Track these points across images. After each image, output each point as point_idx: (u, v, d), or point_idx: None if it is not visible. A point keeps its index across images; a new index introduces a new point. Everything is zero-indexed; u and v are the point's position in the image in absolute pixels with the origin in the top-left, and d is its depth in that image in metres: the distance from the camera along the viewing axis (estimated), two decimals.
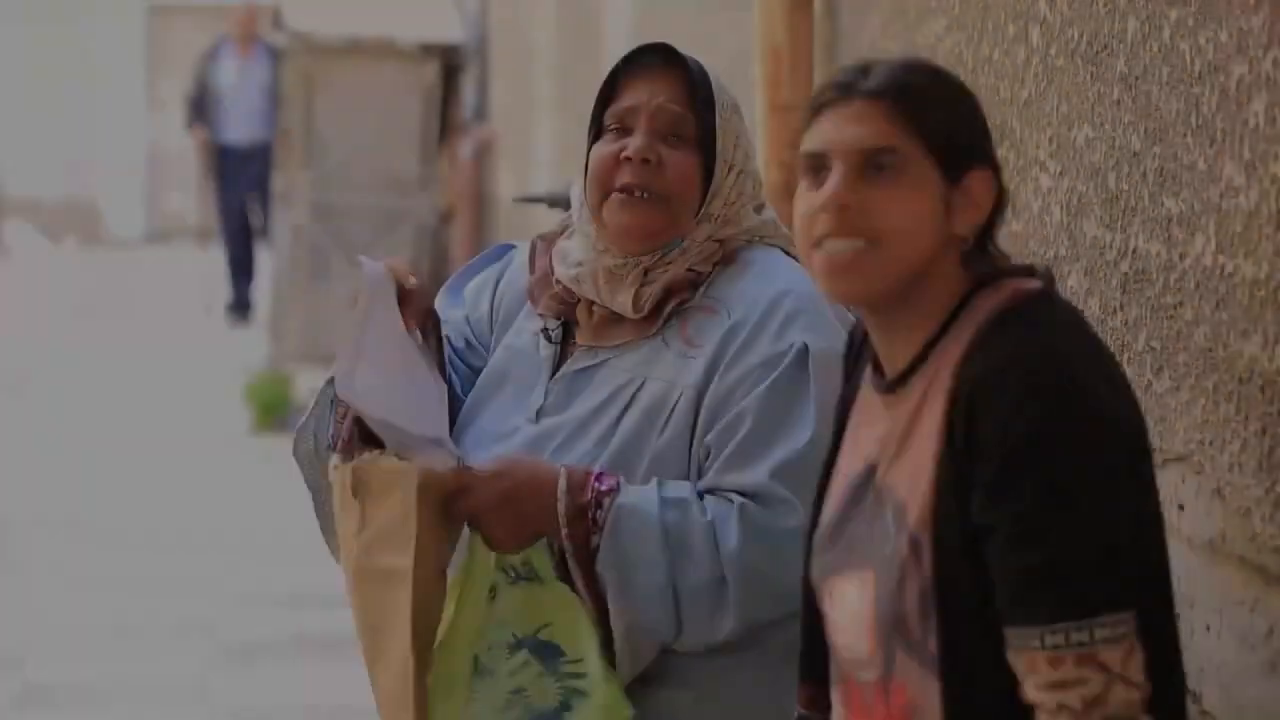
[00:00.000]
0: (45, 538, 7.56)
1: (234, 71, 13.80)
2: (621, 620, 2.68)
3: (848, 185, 2.17)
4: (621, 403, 2.79)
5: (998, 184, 2.21)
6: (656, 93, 2.80)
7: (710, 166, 2.80)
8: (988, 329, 2.14)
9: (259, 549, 7.36)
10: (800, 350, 2.72)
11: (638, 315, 2.81)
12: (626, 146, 2.79)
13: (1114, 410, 2.09)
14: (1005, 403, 2.07)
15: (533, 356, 2.90)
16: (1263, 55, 2.41)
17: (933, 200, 2.17)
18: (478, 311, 3.02)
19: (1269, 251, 2.40)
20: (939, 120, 2.18)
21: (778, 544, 2.66)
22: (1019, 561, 2.06)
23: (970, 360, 2.12)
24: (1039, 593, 2.05)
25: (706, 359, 2.75)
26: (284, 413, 9.78)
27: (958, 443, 2.10)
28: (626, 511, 2.67)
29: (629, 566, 2.67)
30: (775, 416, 2.69)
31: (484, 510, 2.68)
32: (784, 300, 2.76)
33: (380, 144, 11.25)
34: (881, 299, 2.19)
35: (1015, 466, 2.06)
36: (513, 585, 2.75)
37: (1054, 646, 2.05)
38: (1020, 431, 2.06)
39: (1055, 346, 2.10)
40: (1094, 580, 2.05)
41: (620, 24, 7.35)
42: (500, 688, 2.72)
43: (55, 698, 5.60)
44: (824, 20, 4.55)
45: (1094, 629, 2.04)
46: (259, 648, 6.09)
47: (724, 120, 2.81)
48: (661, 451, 2.74)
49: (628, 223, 2.79)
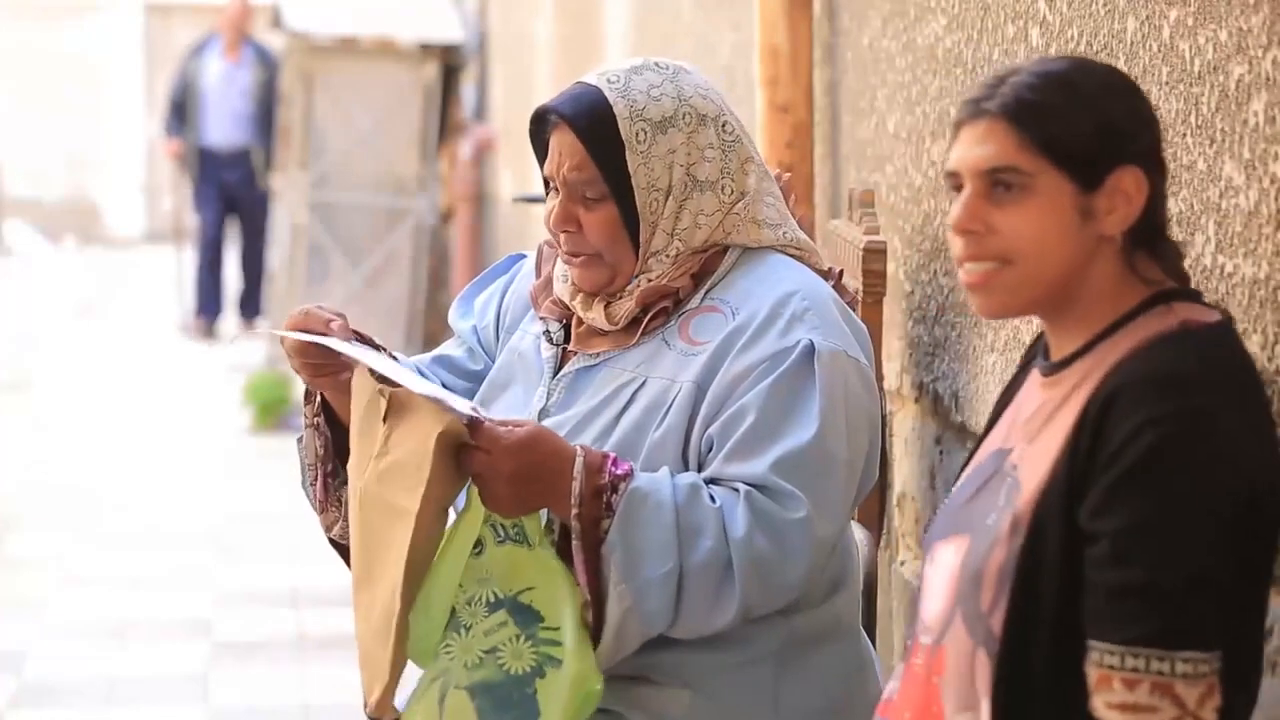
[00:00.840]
0: (45, 538, 7.56)
1: (218, 74, 13.18)
2: (619, 605, 2.67)
3: (970, 209, 2.19)
4: (623, 400, 2.79)
5: (1153, 178, 2.19)
6: (563, 158, 2.80)
7: (634, 205, 2.79)
8: (1148, 346, 2.13)
9: (259, 548, 7.36)
10: (806, 347, 2.72)
11: (613, 328, 2.83)
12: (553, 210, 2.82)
13: (1244, 450, 2.06)
14: (1137, 417, 2.06)
15: (535, 358, 2.92)
16: (1262, 55, 2.41)
17: (1066, 213, 2.17)
18: (484, 321, 3.05)
19: (1269, 251, 2.40)
20: (1065, 132, 2.17)
21: (783, 534, 2.66)
22: (1118, 576, 2.05)
23: (1120, 369, 2.11)
24: (1130, 611, 2.05)
25: (709, 354, 2.76)
26: (284, 413, 9.78)
27: (1083, 445, 2.10)
28: (639, 497, 2.67)
29: (636, 553, 2.66)
30: (779, 411, 2.70)
31: (494, 477, 2.68)
32: (791, 299, 2.76)
33: (380, 143, 11.24)
34: (1030, 309, 2.22)
35: (1132, 481, 2.05)
36: (499, 545, 2.75)
37: (1133, 669, 2.04)
38: (1144, 448, 2.05)
39: (1206, 378, 2.08)
40: (1188, 613, 2.03)
41: (619, 24, 7.34)
42: (475, 645, 2.73)
43: (55, 697, 5.60)
44: (824, 20, 4.55)
45: (1176, 661, 2.03)
46: (259, 647, 6.08)
47: (643, 152, 2.77)
48: (658, 443, 2.75)
49: (578, 279, 2.84)
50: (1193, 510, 2.04)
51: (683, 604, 2.68)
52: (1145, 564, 2.04)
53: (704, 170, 2.81)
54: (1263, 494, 2.08)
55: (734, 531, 2.66)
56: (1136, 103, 2.22)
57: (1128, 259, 2.20)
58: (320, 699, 5.56)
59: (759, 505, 2.67)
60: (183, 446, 9.51)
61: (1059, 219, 2.17)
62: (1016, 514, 2.16)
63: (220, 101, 13.12)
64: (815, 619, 2.82)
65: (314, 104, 11.13)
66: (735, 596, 2.67)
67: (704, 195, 2.81)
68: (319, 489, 2.93)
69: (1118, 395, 2.09)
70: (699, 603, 2.68)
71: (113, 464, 9.04)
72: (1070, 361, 2.21)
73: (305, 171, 11.12)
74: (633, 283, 2.82)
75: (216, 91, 13.13)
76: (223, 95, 13.11)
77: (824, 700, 2.81)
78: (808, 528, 2.67)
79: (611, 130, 2.77)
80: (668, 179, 2.79)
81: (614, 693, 2.76)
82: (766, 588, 2.68)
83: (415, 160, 11.22)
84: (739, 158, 2.84)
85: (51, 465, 9.00)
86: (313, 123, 11.16)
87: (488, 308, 3.06)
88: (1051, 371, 2.23)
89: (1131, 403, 2.07)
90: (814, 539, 2.68)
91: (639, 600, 2.67)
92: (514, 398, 2.91)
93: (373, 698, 2.73)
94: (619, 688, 2.77)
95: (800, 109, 4.47)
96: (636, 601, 2.67)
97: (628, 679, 2.77)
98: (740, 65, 5.10)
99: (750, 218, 2.84)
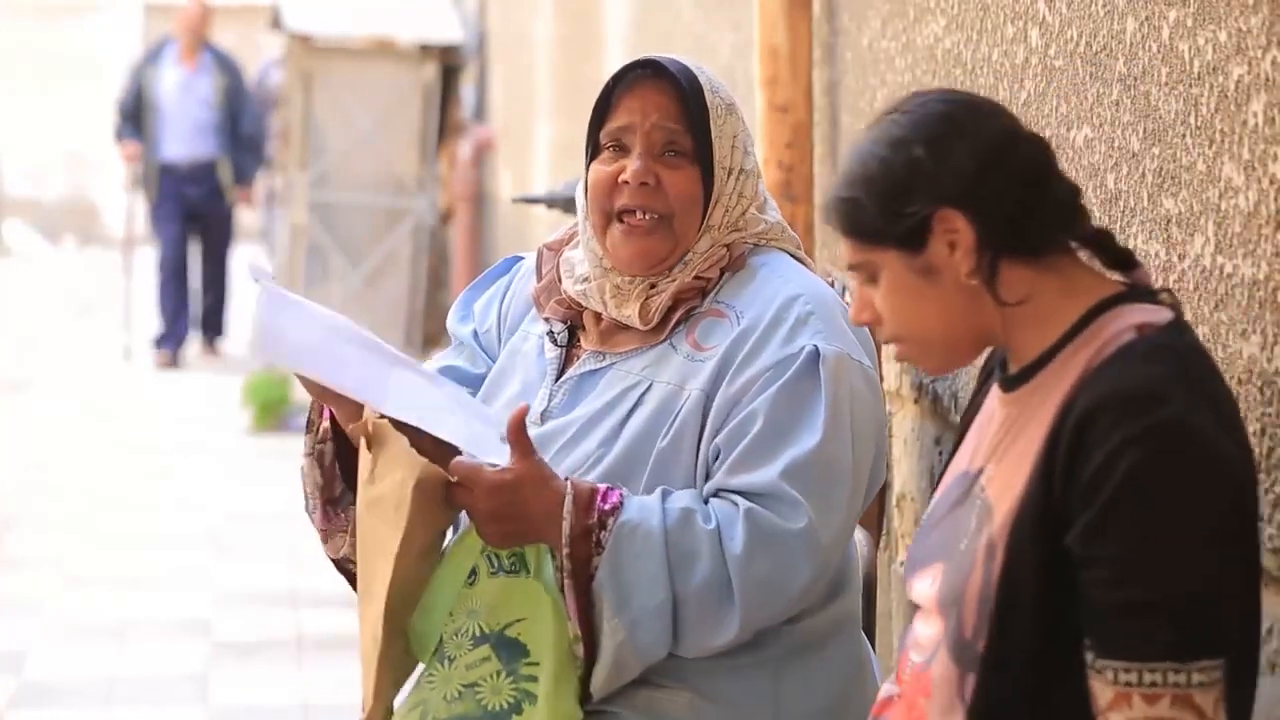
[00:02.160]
0: (45, 538, 7.56)
1: (175, 82, 12.18)
2: (613, 639, 2.68)
3: (857, 303, 2.27)
4: (629, 404, 2.79)
5: (962, 216, 2.17)
6: (649, 111, 2.80)
7: (709, 175, 2.81)
8: (1106, 361, 2.13)
9: (258, 549, 7.36)
10: (811, 353, 2.72)
11: (646, 326, 2.82)
12: (624, 169, 2.79)
13: (1222, 453, 2.08)
14: (1115, 438, 2.06)
15: (537, 360, 2.91)
16: (1262, 55, 2.41)
17: (908, 278, 2.20)
18: (485, 325, 3.05)
19: (1268, 252, 2.40)
20: (860, 218, 2.21)
21: (783, 547, 2.66)
22: (1124, 596, 2.06)
23: (1084, 388, 2.12)
24: (1143, 629, 2.06)
25: (716, 361, 2.76)
26: (283, 413, 9.78)
27: (1057, 470, 2.11)
28: (628, 531, 2.66)
29: (626, 588, 2.66)
30: (785, 418, 2.70)
31: (477, 514, 2.69)
32: (795, 304, 2.76)
33: (379, 144, 11.24)
34: (964, 361, 2.27)
35: (1122, 504, 2.06)
36: (492, 576, 2.75)
37: (1151, 684, 2.05)
38: (1125, 470, 2.05)
39: (1172, 386, 2.08)
40: (1197, 623, 2.05)
41: (619, 24, 7.34)
42: (455, 678, 2.73)
43: (55, 697, 5.59)
44: (823, 20, 4.55)
45: (1192, 672, 2.05)
46: (259, 647, 6.08)
47: (719, 126, 2.81)
48: (666, 452, 2.74)
49: (632, 252, 2.80)
50: (1186, 523, 2.05)
51: (682, 629, 2.69)
52: (1149, 582, 2.05)
53: (749, 161, 2.85)
54: (1239, 482, 2.09)
55: (732, 549, 2.66)
56: (941, 145, 2.18)
57: (1057, 269, 2.20)
58: (320, 699, 5.56)
59: (759, 520, 2.67)
60: (182, 446, 9.51)
61: (907, 287, 2.20)
62: (991, 538, 2.16)
63: (178, 112, 12.16)
64: (816, 621, 2.82)
65: (314, 104, 11.13)
66: (736, 615, 2.67)
67: (748, 182, 2.84)
68: (319, 518, 2.92)
69: (1091, 416, 2.09)
70: (699, 625, 2.68)
71: (112, 464, 9.04)
72: (1027, 376, 2.21)
73: (305, 171, 11.12)
74: (678, 266, 2.82)
75: (173, 101, 12.17)
76: (181, 105, 12.16)
77: (824, 700, 2.81)
78: (809, 537, 2.67)
79: (699, 96, 2.80)
80: (729, 159, 2.82)
81: (614, 693, 2.76)
82: (768, 603, 2.68)
83: (415, 160, 11.22)
84: (756, 159, 2.89)
85: (51, 465, 9.00)
86: (312, 123, 11.16)
87: (488, 311, 3.06)
88: (1011, 386, 2.23)
89: (1107, 423, 2.07)
90: (816, 548, 2.68)
91: (632, 633, 2.67)
92: (515, 399, 2.90)
93: (364, 713, 2.77)
94: (619, 688, 2.76)
95: (800, 109, 4.47)
96: (630, 635, 2.67)
97: (631, 681, 2.77)
98: (740, 65, 5.10)
99: (764, 209, 2.89)
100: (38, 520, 7.88)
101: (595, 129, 2.85)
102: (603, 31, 7.65)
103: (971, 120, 2.21)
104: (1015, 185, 2.18)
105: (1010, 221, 2.18)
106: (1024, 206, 2.18)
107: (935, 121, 2.20)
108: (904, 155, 2.19)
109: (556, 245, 2.98)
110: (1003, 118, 2.24)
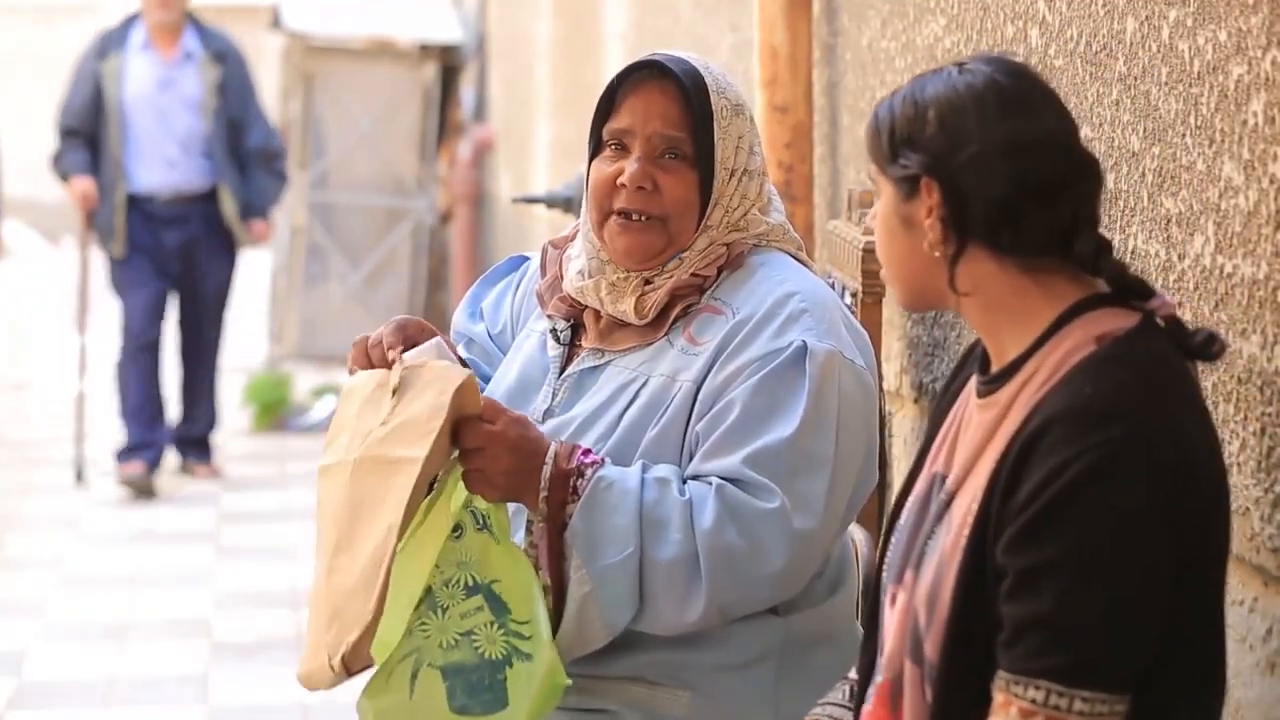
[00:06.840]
0: (45, 538, 7.56)
1: (145, 78, 8.31)
2: (579, 589, 2.69)
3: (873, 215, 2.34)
4: (625, 399, 2.80)
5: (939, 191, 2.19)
6: (651, 115, 2.80)
7: (709, 178, 2.81)
8: (1066, 378, 2.12)
9: (258, 548, 7.36)
10: (798, 348, 2.72)
11: (642, 321, 2.82)
12: (623, 170, 2.80)
13: (1165, 475, 2.04)
14: (1049, 463, 2.06)
15: (541, 357, 2.92)
16: (1261, 55, 2.41)
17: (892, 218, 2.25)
18: (497, 326, 3.07)
19: (1268, 251, 2.41)
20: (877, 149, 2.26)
21: (752, 524, 2.66)
22: (1023, 610, 2.05)
23: (1038, 408, 2.11)
24: (1036, 643, 2.04)
25: (708, 354, 2.77)
26: (283, 413, 9.78)
27: (999, 488, 2.11)
28: (605, 484, 2.69)
29: (597, 538, 2.68)
30: (763, 408, 2.70)
31: (492, 444, 2.70)
32: (790, 301, 2.77)
33: (379, 144, 11.26)
34: (922, 307, 2.31)
35: (1042, 522, 2.05)
36: (477, 532, 2.78)
37: (1031, 700, 2.04)
38: (1057, 488, 2.04)
39: (1116, 403, 2.06)
40: (1093, 654, 2.02)
41: (619, 24, 7.34)
42: (451, 626, 2.75)
43: (55, 697, 5.60)
44: (823, 21, 4.55)
45: (1075, 699, 2.03)
46: (258, 647, 6.09)
47: (723, 128, 2.81)
48: (655, 440, 2.76)
49: (626, 245, 2.82)
50: (1107, 551, 2.02)
51: (648, 595, 2.69)
52: (1051, 599, 2.03)
53: (755, 161, 2.86)
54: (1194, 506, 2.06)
55: (701, 523, 2.67)
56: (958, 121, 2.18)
57: (1038, 274, 2.19)
58: (320, 699, 5.56)
59: (730, 497, 2.68)
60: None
61: (890, 223, 2.24)
62: (950, 548, 2.16)
63: (152, 123, 8.30)
64: (814, 619, 2.82)
65: (313, 104, 11.14)
66: (703, 590, 2.67)
67: (751, 183, 2.85)
68: None
69: (1037, 435, 2.08)
70: (666, 596, 2.69)
71: (112, 464, 9.03)
72: (1002, 379, 2.21)
73: (304, 172, 11.12)
74: (671, 262, 2.82)
75: (145, 107, 8.30)
76: (156, 112, 8.32)
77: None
78: (781, 518, 2.67)
79: (704, 100, 2.81)
80: (733, 160, 2.82)
81: (614, 693, 2.76)
82: (738, 580, 2.68)
83: (414, 160, 11.23)
84: (763, 158, 2.88)
85: (51, 465, 9.00)
86: (312, 123, 11.17)
87: (499, 311, 3.07)
88: (986, 391, 2.23)
89: (1048, 444, 2.07)
90: (791, 531, 2.67)
91: (599, 586, 2.68)
92: (518, 396, 2.91)
93: (346, 647, 2.70)
94: (618, 688, 2.77)
95: (799, 109, 4.47)
96: (596, 587, 2.68)
97: (627, 679, 2.78)
98: (739, 65, 5.10)
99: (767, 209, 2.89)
100: (38, 520, 7.88)
101: (598, 125, 2.85)
102: (602, 32, 7.64)
103: (1006, 110, 2.18)
104: (1012, 187, 2.17)
105: (989, 218, 2.17)
106: (1015, 210, 2.17)
107: (972, 95, 2.18)
108: (925, 113, 2.20)
109: (561, 243, 2.99)
110: (1054, 122, 2.19)
